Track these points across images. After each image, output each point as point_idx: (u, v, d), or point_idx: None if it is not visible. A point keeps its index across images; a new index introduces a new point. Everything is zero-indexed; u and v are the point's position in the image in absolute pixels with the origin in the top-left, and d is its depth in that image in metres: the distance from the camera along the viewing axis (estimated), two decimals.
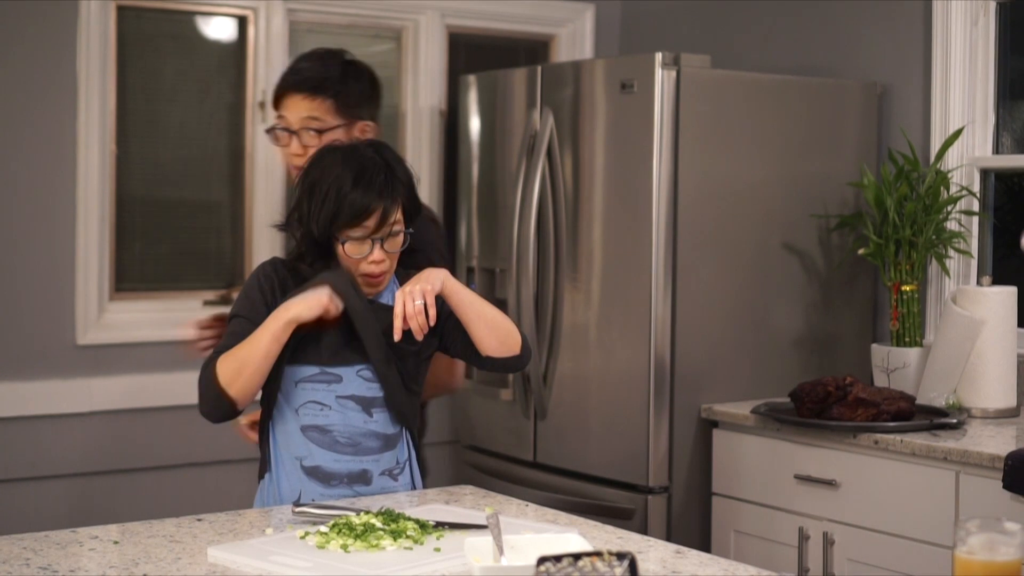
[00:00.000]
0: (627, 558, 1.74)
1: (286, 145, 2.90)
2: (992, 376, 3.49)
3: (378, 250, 2.50)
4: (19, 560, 2.08)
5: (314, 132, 2.87)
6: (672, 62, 3.65)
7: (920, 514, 3.17)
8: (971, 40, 3.87)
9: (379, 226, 2.49)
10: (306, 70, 2.91)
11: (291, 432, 2.54)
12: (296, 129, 2.88)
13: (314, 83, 2.88)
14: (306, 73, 2.90)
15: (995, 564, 1.60)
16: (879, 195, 3.79)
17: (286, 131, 2.89)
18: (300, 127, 2.87)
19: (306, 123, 2.87)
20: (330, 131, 2.87)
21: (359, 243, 2.50)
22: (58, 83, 3.94)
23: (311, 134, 2.87)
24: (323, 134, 2.86)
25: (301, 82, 2.89)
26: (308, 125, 2.87)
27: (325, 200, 2.49)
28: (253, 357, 2.43)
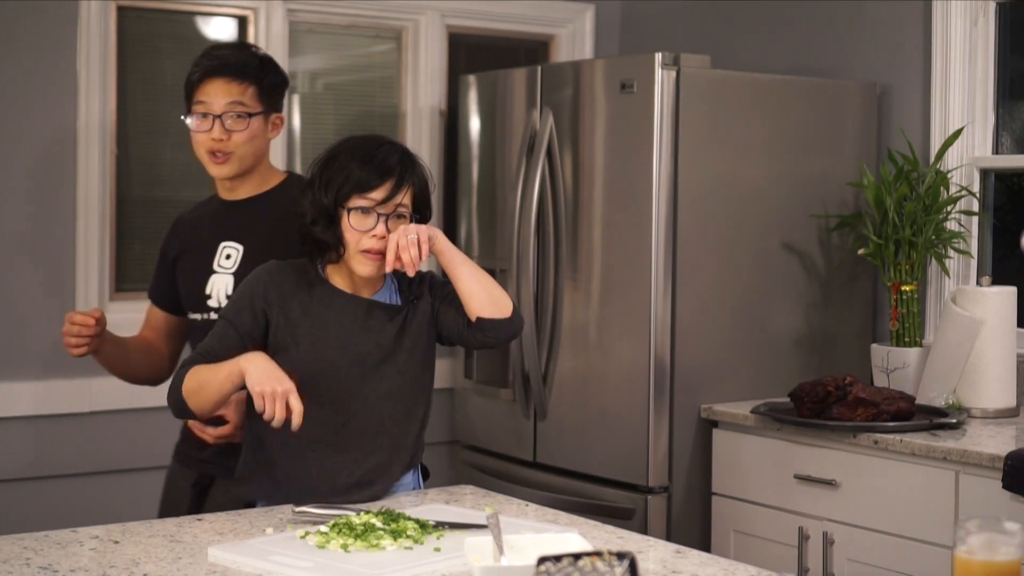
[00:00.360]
0: (627, 558, 1.74)
1: (207, 130, 2.85)
2: (992, 376, 3.49)
3: (381, 225, 2.53)
4: (19, 560, 2.08)
5: (238, 116, 2.84)
6: (672, 62, 3.66)
7: (920, 514, 3.17)
8: (971, 40, 3.87)
9: (385, 200, 2.53)
10: (227, 56, 2.88)
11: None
12: (219, 113, 2.84)
13: (238, 68, 2.86)
14: (228, 59, 2.87)
15: (995, 564, 1.60)
16: (879, 195, 3.79)
17: (208, 116, 2.85)
18: (223, 111, 2.84)
19: (230, 108, 2.84)
20: (254, 116, 2.86)
21: (364, 216, 2.52)
22: (58, 83, 3.94)
23: (235, 118, 2.85)
24: (248, 119, 2.85)
25: (224, 66, 2.86)
26: (232, 110, 2.84)
27: (339, 168, 2.56)
28: (210, 384, 2.48)
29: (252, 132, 2.86)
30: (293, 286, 2.57)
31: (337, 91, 4.56)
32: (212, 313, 2.88)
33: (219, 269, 2.90)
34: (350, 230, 2.53)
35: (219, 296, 2.88)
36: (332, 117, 4.51)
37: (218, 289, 2.89)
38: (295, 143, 4.40)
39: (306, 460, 2.54)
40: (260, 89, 2.87)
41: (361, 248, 2.53)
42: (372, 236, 2.52)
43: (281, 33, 4.31)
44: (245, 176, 2.92)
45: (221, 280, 2.89)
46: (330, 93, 4.55)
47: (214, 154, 2.86)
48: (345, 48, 4.55)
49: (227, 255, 2.90)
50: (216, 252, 2.91)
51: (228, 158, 2.86)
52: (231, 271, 2.88)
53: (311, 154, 4.40)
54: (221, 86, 2.84)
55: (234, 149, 2.85)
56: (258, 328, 2.55)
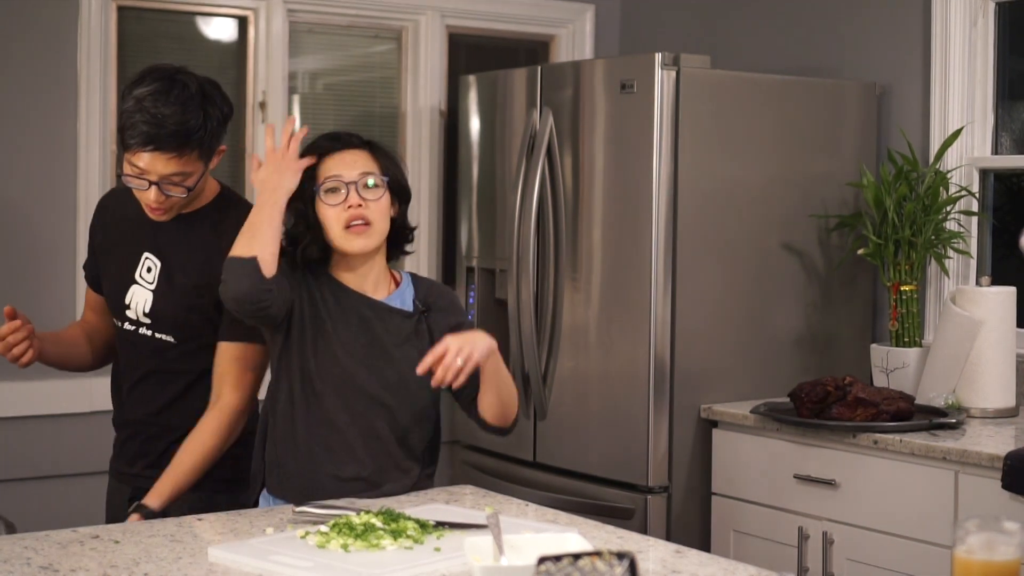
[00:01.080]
0: (627, 558, 1.75)
1: (143, 193, 2.64)
2: (991, 376, 3.49)
3: (353, 194, 2.55)
4: (20, 560, 2.08)
5: (177, 185, 2.62)
6: (672, 62, 3.66)
7: (919, 514, 3.17)
8: (970, 40, 3.88)
9: (348, 171, 2.56)
10: (168, 120, 2.56)
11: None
12: (157, 181, 2.61)
13: (180, 139, 2.58)
14: (169, 126, 2.56)
15: (994, 564, 1.60)
16: (878, 195, 3.79)
17: (145, 181, 2.61)
18: (162, 180, 2.61)
19: (170, 179, 2.61)
20: (196, 178, 2.65)
21: (333, 193, 2.56)
22: (58, 83, 3.94)
23: (175, 187, 2.63)
24: (187, 179, 2.63)
25: (166, 138, 2.57)
26: (172, 180, 2.62)
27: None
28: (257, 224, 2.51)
29: (195, 190, 2.68)
30: (302, 279, 2.59)
31: (337, 91, 4.56)
32: (129, 324, 2.77)
33: (140, 281, 2.77)
34: (326, 211, 2.56)
35: (138, 310, 2.76)
36: (332, 117, 4.51)
37: (137, 302, 2.76)
38: None
39: (315, 460, 2.54)
40: (202, 150, 2.62)
41: (343, 225, 2.54)
42: (348, 208, 2.54)
43: (281, 33, 4.31)
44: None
45: (141, 294, 2.76)
46: (330, 93, 4.55)
47: (151, 208, 2.68)
48: (345, 48, 4.55)
49: (148, 267, 2.76)
50: (139, 262, 2.77)
51: (167, 211, 2.69)
52: (151, 287, 2.75)
53: None
54: (160, 159, 2.58)
55: (172, 206, 2.68)
56: (290, 294, 2.55)
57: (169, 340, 2.74)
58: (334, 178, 2.56)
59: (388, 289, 2.64)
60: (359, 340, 2.56)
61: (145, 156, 2.58)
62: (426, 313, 2.63)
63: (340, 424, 2.55)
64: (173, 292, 2.73)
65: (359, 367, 2.55)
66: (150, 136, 2.56)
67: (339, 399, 2.55)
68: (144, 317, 2.75)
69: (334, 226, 2.55)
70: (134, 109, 2.58)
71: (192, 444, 2.64)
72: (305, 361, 2.55)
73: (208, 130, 2.62)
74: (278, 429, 2.58)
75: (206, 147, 2.63)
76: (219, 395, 2.67)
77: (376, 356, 2.57)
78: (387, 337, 2.58)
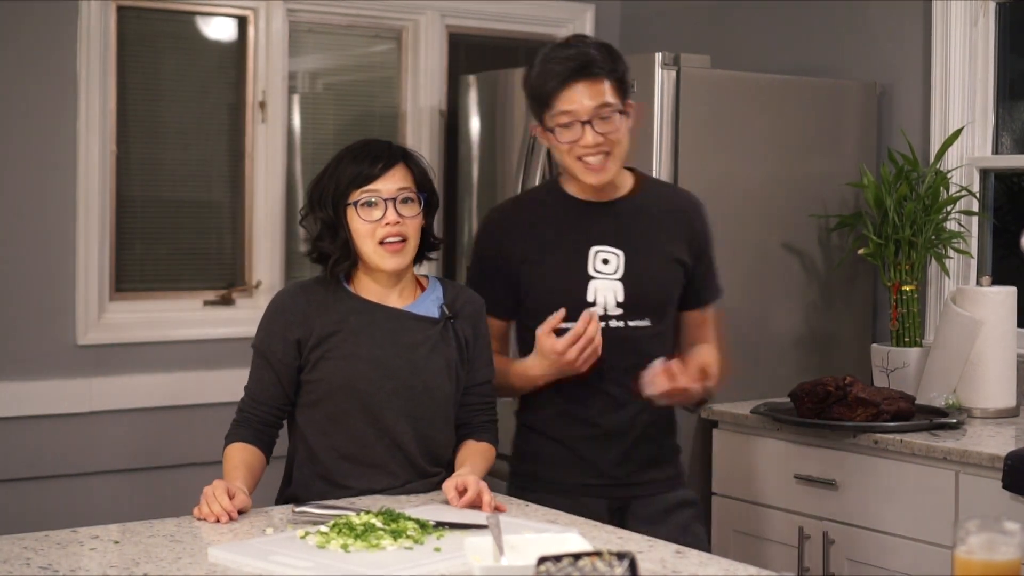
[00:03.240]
0: (627, 558, 1.74)
1: (576, 139, 2.63)
2: (992, 376, 3.49)
3: (391, 211, 2.53)
4: (19, 560, 2.08)
5: (605, 119, 2.63)
6: (672, 62, 3.66)
7: (920, 514, 3.17)
8: (971, 40, 3.87)
9: (388, 186, 2.54)
10: (576, 54, 2.63)
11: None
12: (587, 119, 2.62)
13: (596, 65, 2.62)
14: (580, 58, 2.62)
15: (995, 564, 1.60)
16: (879, 195, 3.79)
17: (575, 123, 2.62)
18: (591, 116, 2.62)
19: (598, 111, 2.62)
20: (619, 114, 2.65)
21: (371, 208, 2.54)
22: (58, 83, 3.94)
23: (603, 121, 2.63)
24: (614, 119, 2.64)
25: (582, 66, 2.61)
26: (600, 113, 2.62)
27: (331, 176, 2.59)
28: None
29: (623, 130, 2.68)
30: (319, 304, 2.58)
31: (337, 91, 4.56)
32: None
33: (596, 275, 2.73)
34: (360, 226, 2.53)
35: (607, 302, 2.72)
36: (332, 117, 4.51)
37: (604, 295, 2.72)
38: (295, 143, 4.40)
39: (355, 472, 2.56)
40: (615, 83, 2.65)
41: (377, 240, 2.53)
42: (385, 225, 2.53)
43: (281, 33, 4.31)
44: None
45: (606, 286, 2.72)
46: (330, 93, 4.55)
47: (585, 161, 2.66)
48: (345, 48, 4.55)
49: (604, 260, 2.73)
50: (588, 256, 2.73)
51: (603, 167, 2.67)
52: (616, 276, 2.72)
53: (311, 154, 4.42)
54: (581, 90, 2.62)
55: (608, 160, 2.66)
56: (290, 354, 2.57)
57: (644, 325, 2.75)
58: (372, 192, 2.54)
59: (414, 295, 2.64)
60: (385, 353, 2.56)
61: (568, 93, 2.61)
62: (453, 320, 2.63)
63: (368, 441, 2.56)
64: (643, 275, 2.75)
65: (385, 381, 2.55)
66: (567, 70, 2.61)
67: (366, 416, 2.55)
68: (615, 307, 2.72)
69: (367, 241, 2.54)
70: (540, 67, 2.65)
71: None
72: (329, 385, 2.55)
73: (618, 63, 2.66)
74: (319, 444, 2.59)
75: (617, 81, 2.65)
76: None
77: (402, 367, 2.57)
78: (413, 346, 2.58)
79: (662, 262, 2.76)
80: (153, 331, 4.11)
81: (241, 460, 2.55)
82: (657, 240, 2.76)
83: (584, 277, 2.72)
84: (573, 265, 2.72)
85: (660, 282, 2.76)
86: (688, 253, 2.79)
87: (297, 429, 2.64)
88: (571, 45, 2.67)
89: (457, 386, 2.63)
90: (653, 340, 2.74)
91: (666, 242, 2.77)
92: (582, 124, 2.62)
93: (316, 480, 2.59)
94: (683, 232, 2.79)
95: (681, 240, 2.78)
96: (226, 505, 2.33)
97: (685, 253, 2.78)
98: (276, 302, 2.63)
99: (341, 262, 2.57)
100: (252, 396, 2.60)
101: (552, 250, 2.74)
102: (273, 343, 2.58)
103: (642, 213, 2.78)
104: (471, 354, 2.66)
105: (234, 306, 4.27)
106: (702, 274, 2.82)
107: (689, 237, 2.80)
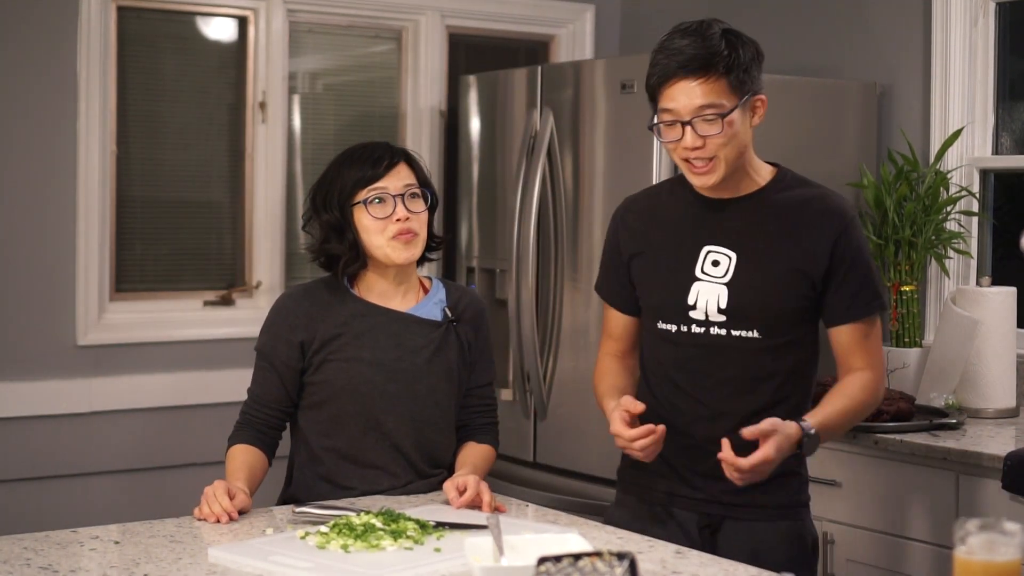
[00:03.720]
0: (627, 558, 1.75)
1: (677, 139, 2.42)
2: (991, 376, 3.49)
3: (401, 207, 2.55)
4: (20, 560, 2.08)
5: (710, 120, 2.40)
6: None
7: (920, 514, 3.17)
8: (971, 40, 3.87)
9: (394, 183, 2.56)
10: (687, 48, 2.41)
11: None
12: (688, 119, 2.40)
13: (702, 60, 2.39)
14: (688, 52, 2.40)
15: (995, 564, 1.60)
16: (879, 195, 3.79)
17: (676, 123, 2.42)
18: (693, 116, 2.40)
19: (699, 112, 2.39)
20: (729, 114, 2.40)
21: (380, 205, 2.55)
22: (58, 83, 3.94)
23: (707, 123, 2.40)
24: (722, 120, 2.40)
25: (686, 62, 2.40)
26: (701, 114, 2.39)
27: (333, 179, 2.59)
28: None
29: (728, 133, 2.42)
30: (322, 307, 2.59)
31: (337, 91, 4.56)
32: (696, 326, 2.49)
33: (703, 276, 2.49)
34: (371, 223, 2.55)
35: (707, 307, 2.47)
36: (332, 117, 4.51)
37: (706, 299, 2.48)
38: (295, 143, 4.40)
39: (357, 474, 2.57)
40: (731, 79, 2.41)
41: (390, 237, 2.54)
42: (396, 220, 2.54)
43: (281, 33, 4.31)
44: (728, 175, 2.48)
45: (710, 290, 2.48)
46: (330, 93, 4.55)
47: (691, 162, 2.45)
48: (345, 48, 4.55)
49: (714, 261, 2.50)
50: (698, 256, 2.50)
51: (711, 169, 2.44)
52: (723, 281, 2.48)
53: (311, 154, 4.42)
54: (684, 87, 2.41)
55: (716, 161, 2.43)
56: (294, 356, 2.58)
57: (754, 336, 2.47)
58: (380, 190, 2.56)
59: (417, 297, 2.65)
60: (388, 356, 2.57)
61: (670, 91, 2.41)
62: (455, 323, 2.64)
63: (369, 443, 2.56)
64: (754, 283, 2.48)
65: (388, 383, 2.56)
66: (672, 65, 2.41)
67: (367, 419, 2.56)
68: (718, 312, 2.47)
69: (377, 237, 2.56)
70: (652, 58, 2.47)
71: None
72: (332, 387, 2.56)
73: (735, 57, 2.42)
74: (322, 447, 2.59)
75: (735, 76, 2.41)
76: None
77: (404, 370, 2.58)
78: (416, 349, 2.59)
79: (780, 270, 2.45)
80: (153, 331, 4.11)
81: (243, 462, 2.55)
82: (779, 246, 2.47)
83: (689, 277, 2.49)
84: (682, 263, 2.50)
85: (770, 292, 2.45)
86: (817, 265, 2.44)
87: (299, 431, 2.64)
88: (688, 33, 2.43)
89: (459, 389, 2.64)
90: (764, 354, 2.46)
91: (790, 249, 2.46)
92: (682, 124, 2.41)
93: (317, 481, 2.59)
94: (815, 241, 2.46)
95: (811, 249, 2.45)
96: (226, 505, 2.33)
97: (813, 264, 2.44)
98: (279, 305, 2.63)
99: (351, 263, 2.58)
100: (255, 398, 2.60)
101: (664, 246, 2.54)
102: (276, 346, 2.58)
103: (768, 214, 2.50)
104: (472, 356, 2.66)
105: (234, 306, 4.27)
106: (845, 289, 2.45)
107: (823, 248, 2.45)
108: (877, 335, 2.50)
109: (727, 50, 2.41)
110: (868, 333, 2.47)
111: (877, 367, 2.50)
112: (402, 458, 2.58)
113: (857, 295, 2.46)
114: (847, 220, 2.49)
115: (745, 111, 2.43)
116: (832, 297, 2.46)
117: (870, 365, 2.48)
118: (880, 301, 2.49)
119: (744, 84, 2.42)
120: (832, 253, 2.45)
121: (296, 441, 2.67)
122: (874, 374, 2.49)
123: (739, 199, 2.51)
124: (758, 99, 2.47)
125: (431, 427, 2.61)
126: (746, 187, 2.52)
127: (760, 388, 2.46)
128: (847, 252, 2.46)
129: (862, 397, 2.47)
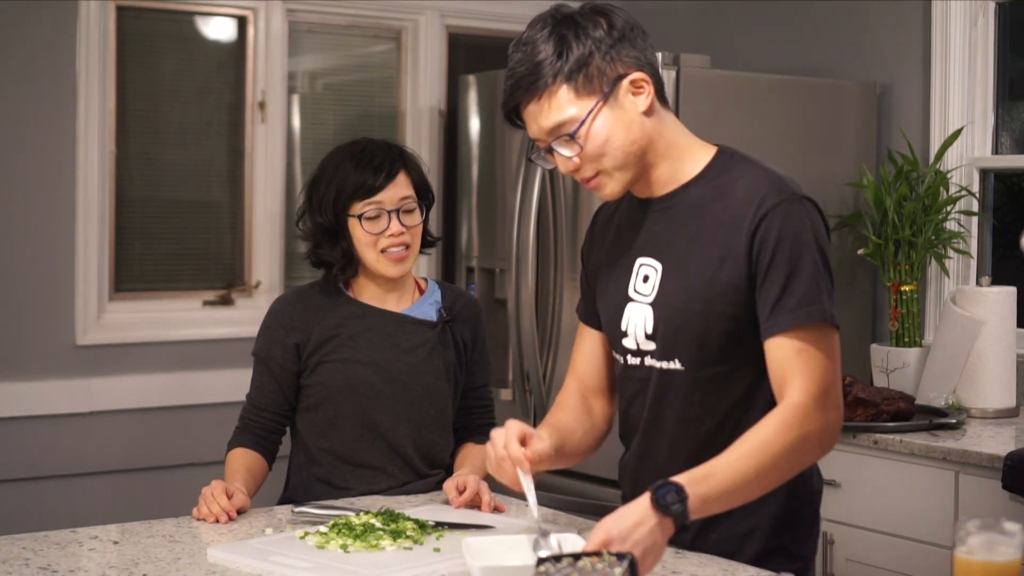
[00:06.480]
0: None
1: (555, 166, 2.09)
2: (991, 376, 3.49)
3: (395, 223, 2.53)
4: (19, 560, 2.08)
5: (568, 141, 2.02)
6: (672, 62, 3.65)
7: (920, 514, 3.17)
8: (970, 40, 3.87)
9: (391, 197, 2.54)
10: (517, 65, 2.02)
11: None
12: (549, 144, 2.05)
13: (530, 78, 2.00)
14: (519, 70, 2.01)
15: (994, 564, 1.60)
16: (878, 195, 3.79)
17: (539, 150, 2.09)
18: (551, 139, 2.04)
19: (554, 134, 2.03)
20: (580, 128, 2.00)
21: (374, 220, 2.54)
22: (58, 83, 3.94)
23: (566, 143, 2.03)
24: (573, 139, 2.02)
25: (517, 84, 2.02)
26: (557, 135, 2.03)
27: (329, 182, 2.57)
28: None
29: (595, 144, 2.01)
30: (317, 309, 2.59)
31: (337, 91, 4.56)
32: (629, 356, 2.11)
33: (635, 296, 2.09)
34: (363, 237, 2.54)
35: (636, 334, 2.08)
36: (332, 117, 4.51)
37: (635, 324, 2.08)
38: (295, 143, 4.40)
39: (354, 475, 2.57)
40: (571, 82, 2.00)
41: (380, 249, 2.54)
42: (389, 236, 2.54)
43: (281, 33, 4.31)
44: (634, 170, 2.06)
45: (638, 312, 2.07)
46: (330, 93, 4.55)
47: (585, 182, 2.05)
48: (345, 48, 4.55)
49: (644, 276, 2.09)
50: (632, 270, 2.11)
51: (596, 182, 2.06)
52: (648, 300, 2.07)
53: (311, 154, 4.41)
54: (529, 113, 2.03)
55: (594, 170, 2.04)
56: (290, 359, 2.58)
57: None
58: (376, 205, 2.55)
59: (412, 297, 2.65)
60: (383, 356, 2.57)
61: (524, 118, 2.04)
62: (450, 323, 2.64)
63: (366, 444, 2.57)
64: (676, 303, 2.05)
65: (384, 384, 2.56)
66: (507, 90, 2.03)
67: (364, 420, 2.57)
68: (645, 339, 2.07)
69: (370, 250, 2.56)
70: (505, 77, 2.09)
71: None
72: (328, 389, 2.56)
73: (566, 57, 1.98)
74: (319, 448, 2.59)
75: (575, 80, 1.98)
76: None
77: (400, 370, 2.58)
78: (411, 350, 2.59)
79: (698, 282, 2.01)
80: (152, 331, 4.11)
81: (242, 464, 2.55)
82: (696, 250, 2.02)
83: (624, 297, 2.10)
84: (620, 281, 2.11)
85: (690, 311, 2.01)
86: (738, 266, 1.99)
87: (297, 433, 2.64)
88: (518, 45, 2.03)
89: (455, 389, 2.64)
90: (692, 391, 2.04)
91: (708, 252, 2.01)
92: (547, 151, 2.06)
93: (315, 483, 2.59)
94: (732, 235, 2.00)
95: (731, 248, 2.00)
96: (224, 505, 2.33)
97: (733, 267, 1.99)
98: (275, 308, 2.64)
99: (344, 270, 2.58)
100: (254, 403, 2.60)
101: (607, 259, 2.16)
102: (273, 349, 2.58)
103: (688, 212, 2.06)
104: (469, 357, 2.66)
105: (233, 306, 4.27)
106: (766, 292, 1.99)
107: (739, 242, 1.99)
108: (815, 353, 2.02)
109: (555, 53, 1.98)
110: (801, 349, 1.99)
111: (810, 392, 2.01)
112: (399, 458, 2.58)
113: (780, 299, 1.97)
114: (771, 204, 2.00)
115: (616, 106, 2.00)
116: (758, 303, 1.99)
117: (802, 390, 1.99)
118: (818, 308, 2.01)
119: (593, 80, 1.98)
120: (749, 247, 1.98)
121: (294, 444, 2.67)
122: (803, 401, 1.99)
123: (663, 197, 2.09)
124: (629, 81, 2.02)
125: (428, 427, 2.61)
126: (671, 181, 2.09)
127: (694, 433, 2.05)
128: (766, 244, 1.97)
129: (776, 441, 1.93)
